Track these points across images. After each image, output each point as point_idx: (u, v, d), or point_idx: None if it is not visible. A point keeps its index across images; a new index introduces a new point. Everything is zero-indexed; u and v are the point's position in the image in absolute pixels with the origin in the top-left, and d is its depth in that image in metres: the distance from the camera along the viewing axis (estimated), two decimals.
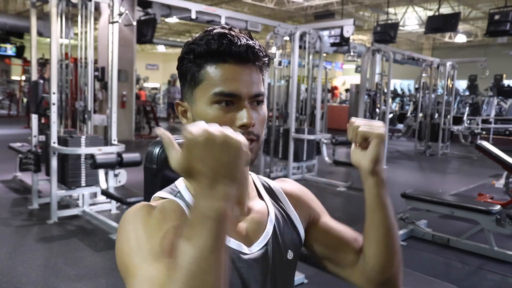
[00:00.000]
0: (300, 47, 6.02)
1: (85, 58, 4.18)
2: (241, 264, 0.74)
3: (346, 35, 6.64)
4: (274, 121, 6.28)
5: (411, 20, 14.44)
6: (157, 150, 0.86)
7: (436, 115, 9.53)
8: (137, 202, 0.73)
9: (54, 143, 3.82)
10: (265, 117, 0.76)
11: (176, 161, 0.55)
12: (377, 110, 8.14)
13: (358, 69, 9.26)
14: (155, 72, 23.59)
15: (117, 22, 4.00)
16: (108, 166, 3.85)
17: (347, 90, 16.06)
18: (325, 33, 7.86)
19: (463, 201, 3.89)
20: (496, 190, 5.83)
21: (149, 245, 0.61)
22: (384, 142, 0.80)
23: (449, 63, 9.45)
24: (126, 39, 8.44)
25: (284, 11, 13.57)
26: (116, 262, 0.64)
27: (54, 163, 3.87)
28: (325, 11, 12.58)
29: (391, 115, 10.74)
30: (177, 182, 0.80)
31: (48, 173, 4.14)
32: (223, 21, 5.35)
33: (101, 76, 6.24)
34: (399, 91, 15.78)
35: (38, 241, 3.46)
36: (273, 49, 6.11)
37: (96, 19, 8.15)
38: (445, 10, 11.90)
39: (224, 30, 0.71)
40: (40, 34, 6.55)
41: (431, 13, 11.66)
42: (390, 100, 9.27)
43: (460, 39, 15.86)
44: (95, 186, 4.14)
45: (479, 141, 5.00)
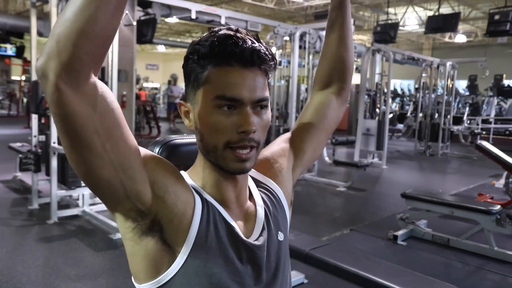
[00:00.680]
0: (300, 47, 6.03)
1: None
2: (245, 248, 0.75)
3: None
4: (274, 121, 6.28)
5: (411, 20, 14.43)
6: (157, 150, 0.86)
7: (436, 115, 9.54)
8: None
9: (54, 143, 3.82)
10: (268, 122, 0.74)
11: None
12: (377, 110, 8.15)
13: (358, 69, 9.25)
14: (155, 72, 23.61)
15: None
16: None
17: None
18: (325, 33, 7.87)
19: (463, 201, 3.89)
20: (496, 190, 5.83)
21: None
22: None
23: (449, 63, 9.45)
24: (126, 39, 8.40)
25: (284, 11, 13.56)
26: (116, 262, 0.64)
27: (54, 163, 3.87)
28: (325, 11, 12.56)
29: (391, 115, 10.75)
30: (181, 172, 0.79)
31: (48, 173, 4.14)
32: (223, 21, 5.36)
33: (101, 76, 6.22)
34: (399, 91, 15.79)
35: (38, 241, 3.46)
36: (273, 49, 6.11)
37: None
38: (445, 10, 11.89)
39: (230, 31, 0.69)
40: (40, 34, 6.53)
41: (431, 13, 11.65)
42: (390, 100, 9.27)
43: (460, 39, 15.85)
44: None
45: (479, 141, 5.00)
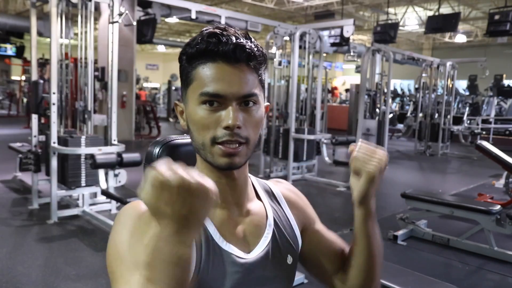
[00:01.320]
0: (300, 47, 6.02)
1: (85, 58, 4.18)
2: (236, 269, 0.72)
3: (346, 35, 6.66)
4: (274, 121, 6.28)
5: (411, 20, 14.45)
6: (157, 150, 0.86)
7: (436, 115, 9.54)
8: None
9: (54, 143, 3.82)
10: (260, 119, 0.72)
11: (146, 195, 0.52)
12: (377, 110, 8.14)
13: (358, 69, 9.25)
14: (155, 72, 23.61)
15: (117, 22, 3.99)
16: (108, 166, 3.85)
17: (347, 90, 16.06)
18: (325, 33, 7.87)
19: (463, 201, 3.89)
20: (496, 190, 5.83)
21: (133, 253, 0.58)
22: (376, 179, 0.77)
23: (449, 63, 9.45)
24: (126, 39, 8.44)
25: (284, 11, 13.57)
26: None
27: (54, 163, 3.87)
28: (325, 11, 12.58)
29: (391, 115, 10.73)
30: None
31: (48, 173, 4.14)
32: (223, 21, 5.35)
33: (101, 76, 6.23)
34: (399, 91, 15.80)
35: (38, 241, 3.46)
36: (273, 49, 6.11)
37: (96, 19, 8.14)
38: (445, 10, 11.90)
39: (216, 30, 0.69)
40: (40, 34, 6.54)
41: (431, 13, 11.66)
42: (390, 100, 9.27)
43: (460, 39, 15.86)
44: (95, 186, 4.14)
45: (479, 141, 4.99)
